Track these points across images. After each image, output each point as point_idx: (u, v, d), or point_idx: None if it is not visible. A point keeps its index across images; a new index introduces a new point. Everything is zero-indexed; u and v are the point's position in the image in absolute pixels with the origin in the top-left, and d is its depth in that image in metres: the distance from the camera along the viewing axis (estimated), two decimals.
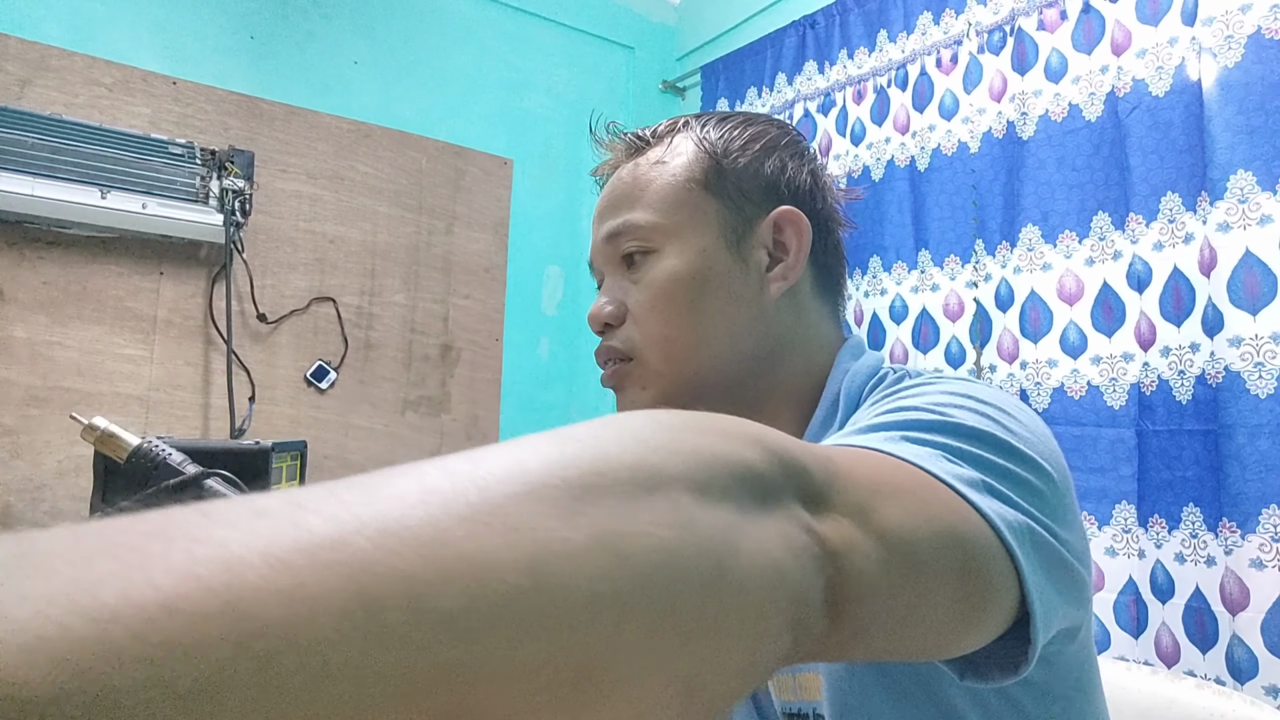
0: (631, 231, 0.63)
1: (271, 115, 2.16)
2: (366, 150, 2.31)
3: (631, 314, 0.63)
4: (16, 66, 1.85)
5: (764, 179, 0.64)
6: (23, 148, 1.78)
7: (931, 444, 0.40)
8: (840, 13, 2.17)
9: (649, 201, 0.63)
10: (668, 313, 0.61)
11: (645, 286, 0.62)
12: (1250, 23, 1.39)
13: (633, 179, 0.65)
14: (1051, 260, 1.67)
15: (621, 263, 0.64)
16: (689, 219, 0.62)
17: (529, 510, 0.21)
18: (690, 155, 0.64)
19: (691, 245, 0.62)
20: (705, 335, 0.61)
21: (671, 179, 0.63)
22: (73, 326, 1.89)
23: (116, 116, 1.95)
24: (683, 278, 0.61)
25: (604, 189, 0.69)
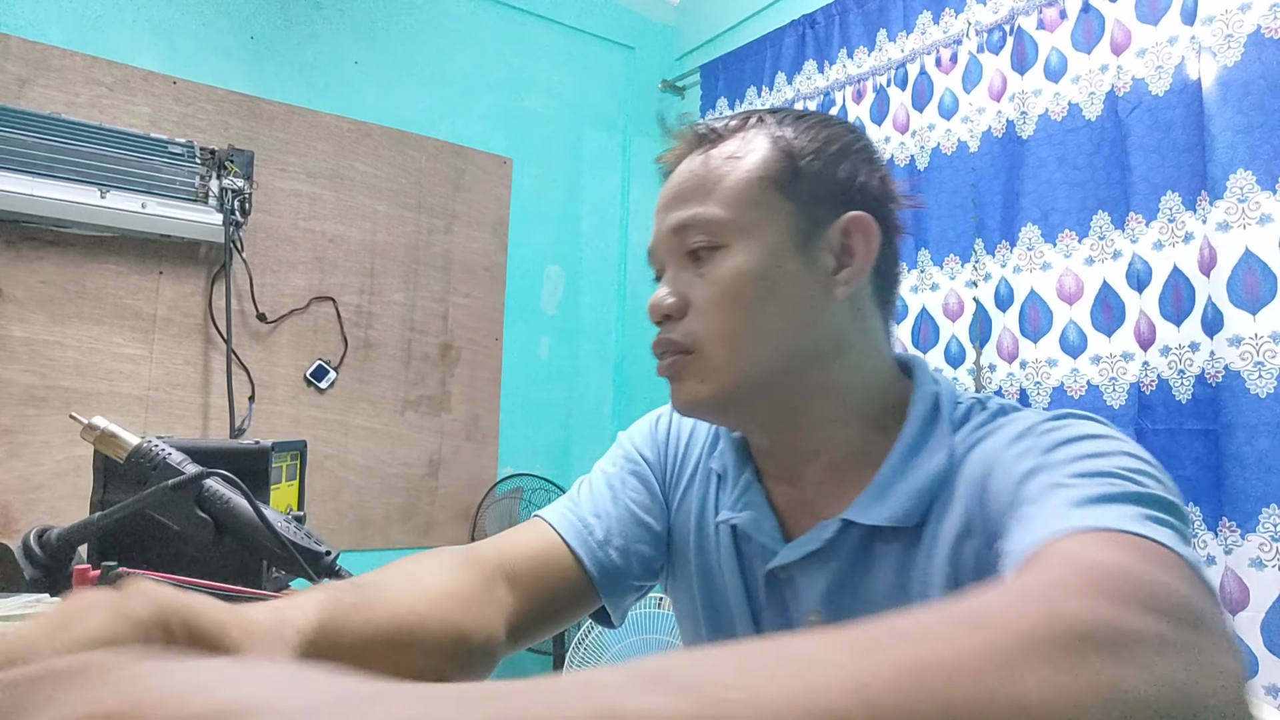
0: (701, 226, 0.63)
1: (271, 115, 2.16)
2: (366, 149, 2.31)
3: (694, 308, 0.63)
4: (17, 66, 1.85)
5: (837, 183, 0.64)
6: (23, 147, 1.78)
7: (1163, 522, 0.43)
8: (840, 12, 2.17)
9: (721, 197, 0.63)
10: (733, 309, 0.61)
11: (711, 282, 0.62)
12: (1250, 22, 1.39)
13: (704, 172, 0.64)
14: (1051, 259, 1.66)
15: (687, 256, 0.64)
16: (760, 217, 0.62)
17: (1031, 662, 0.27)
18: (765, 153, 0.64)
19: (761, 244, 0.62)
20: (767, 334, 0.61)
21: (745, 176, 0.63)
22: (72, 325, 1.89)
23: (117, 116, 1.95)
24: (750, 276, 0.61)
25: (670, 179, 0.67)
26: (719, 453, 0.72)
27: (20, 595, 0.75)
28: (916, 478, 0.59)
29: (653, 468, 0.75)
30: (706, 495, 0.72)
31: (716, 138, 0.66)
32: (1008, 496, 0.51)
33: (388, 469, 2.30)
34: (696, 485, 0.73)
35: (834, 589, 0.61)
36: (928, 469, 0.59)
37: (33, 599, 0.73)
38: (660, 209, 0.67)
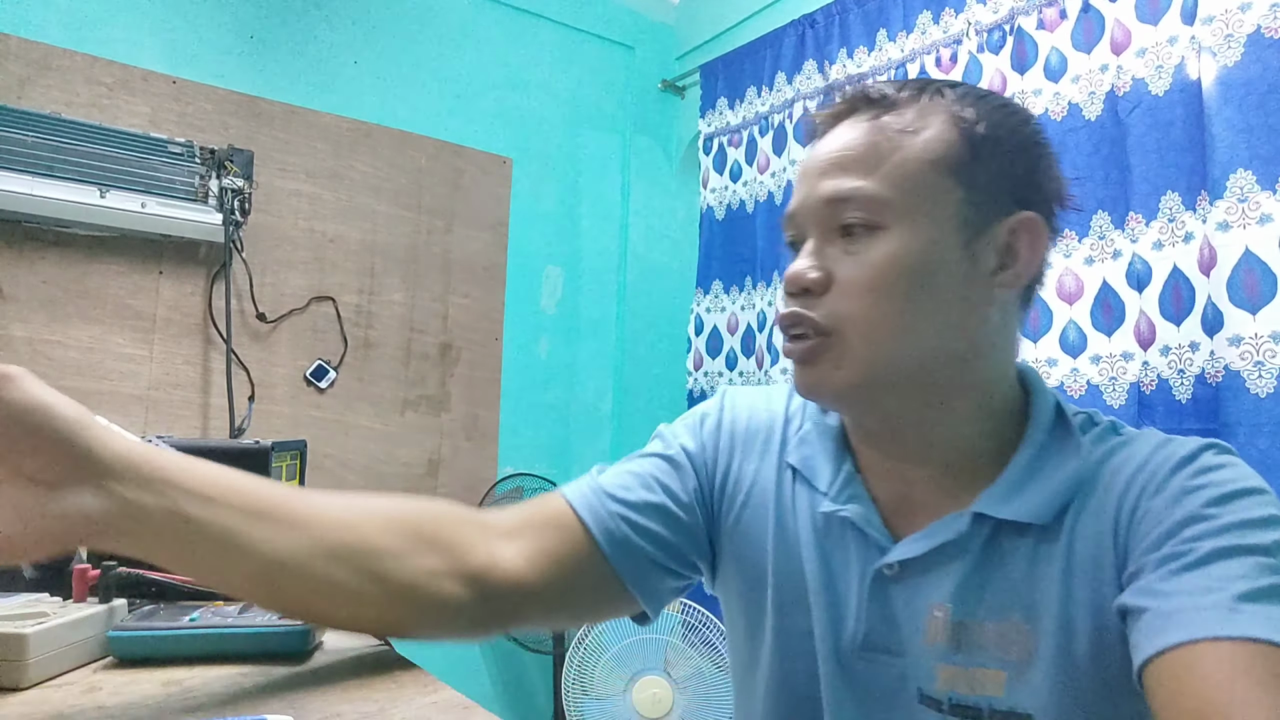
0: (861, 202, 0.58)
1: (271, 115, 2.16)
2: (366, 149, 2.31)
3: (839, 287, 0.58)
4: (17, 65, 1.85)
5: (1013, 178, 0.60)
6: (23, 147, 1.78)
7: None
8: (840, 12, 2.17)
9: (887, 173, 0.58)
10: (884, 298, 0.57)
11: (865, 264, 0.57)
12: (1250, 22, 1.39)
13: (871, 141, 0.59)
14: (1051, 259, 1.66)
15: (837, 230, 0.59)
16: (926, 202, 0.58)
17: None
18: (942, 131, 0.59)
19: (924, 232, 0.57)
20: (916, 328, 0.58)
21: (919, 154, 0.58)
22: (72, 325, 1.89)
23: (116, 115, 1.95)
24: (907, 265, 0.57)
25: (827, 140, 0.62)
26: (798, 444, 0.69)
27: (21, 595, 0.75)
28: (1052, 478, 0.58)
29: (693, 459, 0.70)
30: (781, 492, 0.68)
31: (888, 104, 0.60)
32: (1163, 530, 0.52)
33: (387, 469, 2.30)
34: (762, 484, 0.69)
35: (964, 583, 0.58)
36: (1064, 471, 0.58)
37: (33, 598, 0.73)
38: (811, 172, 0.61)
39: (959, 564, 0.59)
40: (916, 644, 0.59)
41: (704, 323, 2.56)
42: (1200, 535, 0.51)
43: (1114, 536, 0.55)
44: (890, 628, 0.61)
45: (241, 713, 0.59)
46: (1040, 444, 0.60)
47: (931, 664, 0.58)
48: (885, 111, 0.60)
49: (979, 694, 0.57)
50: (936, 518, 0.61)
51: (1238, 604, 0.46)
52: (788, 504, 0.67)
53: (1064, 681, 0.54)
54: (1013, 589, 0.57)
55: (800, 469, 0.67)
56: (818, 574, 0.64)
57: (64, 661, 0.67)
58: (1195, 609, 0.47)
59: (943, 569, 0.59)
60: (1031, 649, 0.56)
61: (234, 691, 0.64)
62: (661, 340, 2.81)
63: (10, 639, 0.62)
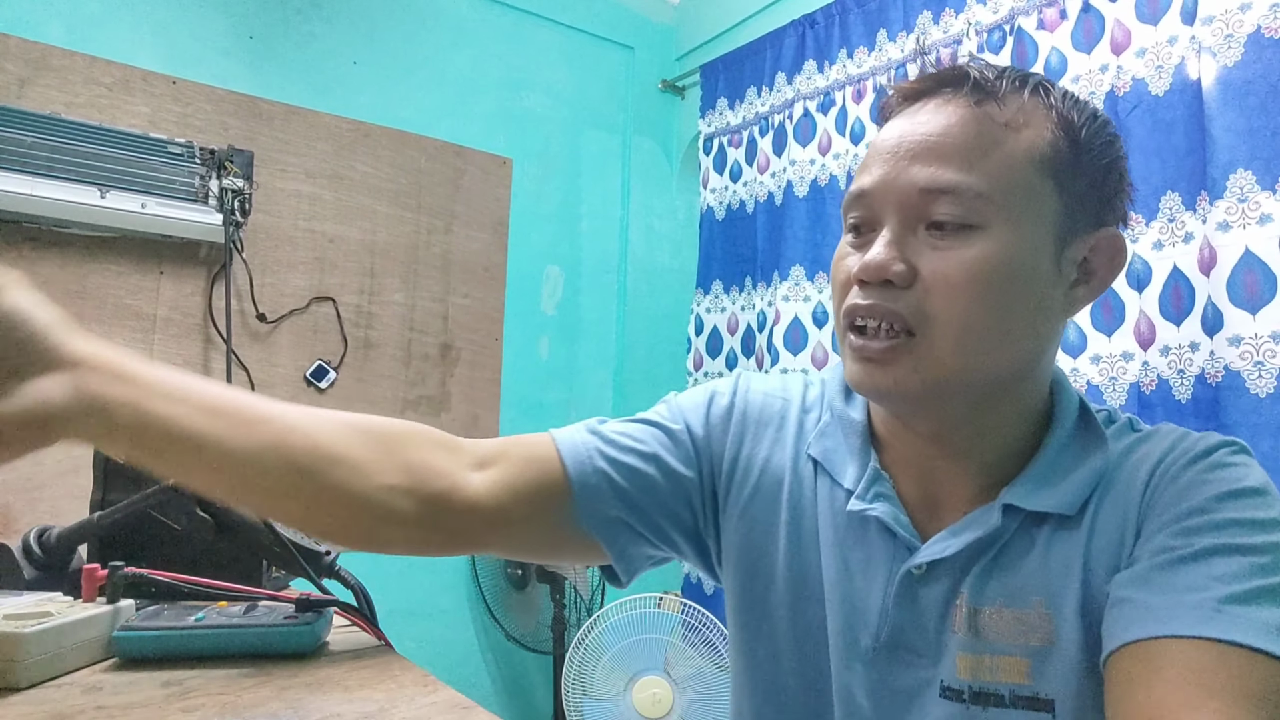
0: (962, 197, 0.54)
1: (271, 115, 2.16)
2: (366, 150, 2.31)
3: (926, 283, 0.55)
4: (16, 66, 1.85)
5: (1104, 191, 0.59)
6: (22, 147, 1.78)
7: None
8: (840, 12, 2.17)
9: (990, 169, 0.55)
10: (978, 301, 0.54)
11: (958, 263, 0.54)
12: (1250, 22, 1.39)
13: (975, 132, 0.55)
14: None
15: (925, 221, 0.56)
16: (1025, 204, 0.55)
17: None
18: (1044, 131, 0.56)
19: (1022, 235, 0.55)
20: (1003, 335, 0.56)
21: (1025, 152, 0.55)
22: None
23: (116, 116, 1.95)
24: (1004, 269, 0.54)
25: (919, 119, 0.58)
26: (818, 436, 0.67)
27: (33, 593, 0.75)
28: (1078, 471, 0.59)
29: (695, 438, 0.68)
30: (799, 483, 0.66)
31: (988, 90, 0.57)
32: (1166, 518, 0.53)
33: None
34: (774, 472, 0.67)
35: (984, 570, 0.59)
36: (1088, 465, 0.59)
37: (44, 597, 0.73)
38: (899, 153, 0.57)
39: (989, 554, 0.59)
40: (943, 639, 0.59)
41: (704, 323, 2.56)
42: (1199, 529, 0.51)
43: (1135, 524, 0.56)
44: (917, 627, 0.60)
45: (242, 713, 0.59)
46: (1066, 440, 0.60)
47: (954, 654, 0.58)
48: (986, 99, 0.57)
49: (1001, 681, 0.57)
50: (962, 512, 0.60)
51: (1221, 605, 0.46)
52: (807, 496, 0.66)
53: (1086, 668, 0.55)
54: (1034, 576, 0.57)
55: (822, 461, 0.66)
56: (835, 569, 0.63)
57: (67, 661, 0.67)
58: (1178, 605, 0.47)
59: (970, 562, 0.59)
60: (1053, 636, 0.56)
61: (234, 691, 0.64)
62: (661, 340, 2.81)
63: (9, 639, 0.62)
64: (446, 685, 0.67)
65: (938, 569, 0.60)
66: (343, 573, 0.86)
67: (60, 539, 0.82)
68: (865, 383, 0.58)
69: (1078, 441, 0.61)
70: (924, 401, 0.58)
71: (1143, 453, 0.58)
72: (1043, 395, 0.62)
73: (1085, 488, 0.58)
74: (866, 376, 0.57)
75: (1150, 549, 0.52)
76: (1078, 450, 0.60)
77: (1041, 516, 0.59)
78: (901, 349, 0.55)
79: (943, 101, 0.58)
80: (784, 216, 2.26)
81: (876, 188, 0.57)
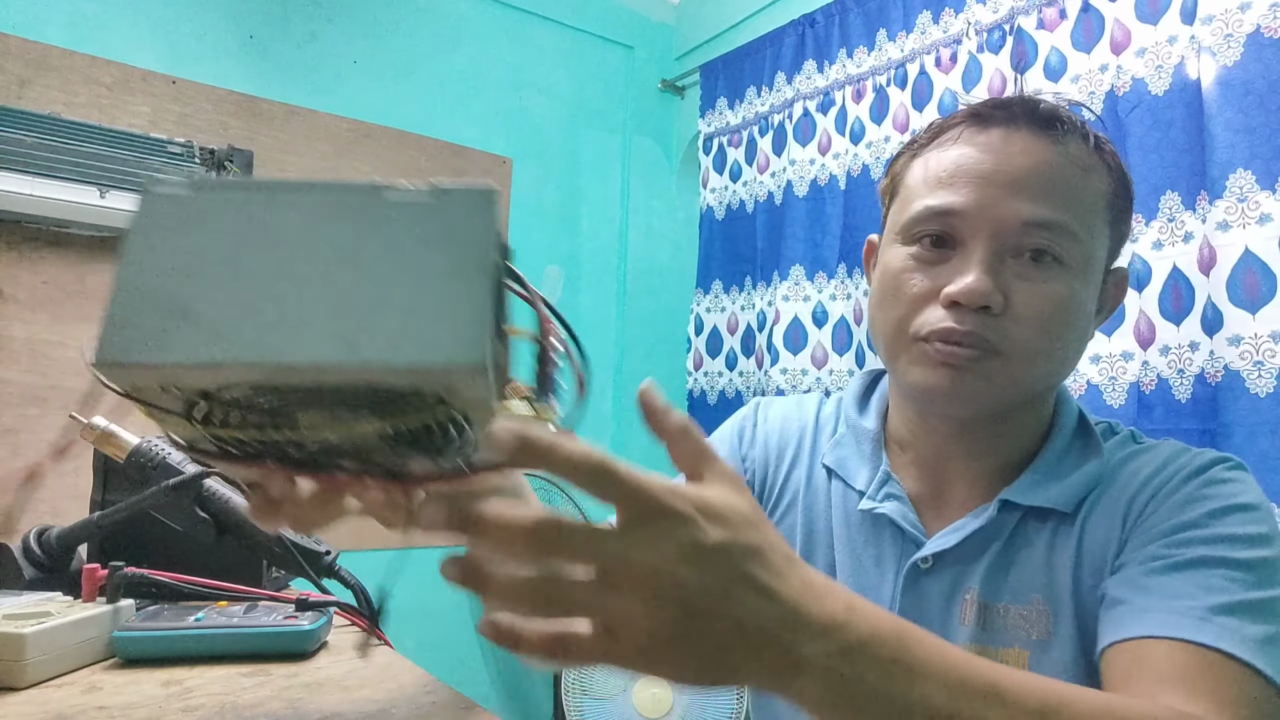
0: (1059, 234, 0.58)
1: (271, 115, 2.16)
2: (366, 150, 2.31)
3: (1016, 312, 0.58)
4: (17, 66, 1.85)
5: (1124, 232, 0.65)
6: (22, 147, 1.78)
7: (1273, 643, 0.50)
8: (840, 12, 2.17)
9: (1079, 212, 0.59)
10: (1055, 331, 0.59)
11: (1046, 296, 0.59)
12: (1249, 21, 1.39)
13: (1067, 175, 0.59)
14: None
15: (1021, 251, 0.59)
16: (1096, 245, 0.61)
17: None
18: (1106, 177, 0.62)
19: (1093, 274, 0.61)
20: (1063, 359, 0.61)
21: (1095, 197, 0.61)
22: (72, 325, 1.89)
23: (116, 116, 1.95)
24: (1077, 304, 0.60)
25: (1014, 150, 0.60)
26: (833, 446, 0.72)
27: (33, 593, 0.75)
28: (1074, 473, 0.63)
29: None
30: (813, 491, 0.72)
31: (1064, 130, 0.61)
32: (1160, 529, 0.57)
33: None
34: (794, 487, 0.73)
35: (992, 567, 0.63)
36: (1085, 467, 0.63)
37: (44, 597, 0.73)
38: (995, 180, 0.59)
39: (989, 551, 0.63)
40: (948, 629, 0.63)
41: (704, 323, 2.56)
42: (1190, 541, 0.55)
43: (1122, 529, 0.59)
44: (923, 618, 0.63)
45: (242, 713, 0.59)
46: (1065, 446, 0.65)
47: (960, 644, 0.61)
48: (1062, 140, 0.60)
49: None
50: (966, 511, 0.65)
51: (1209, 614, 0.50)
52: (820, 501, 0.71)
53: (1082, 661, 0.58)
54: (1034, 573, 0.62)
55: (835, 469, 0.71)
56: (849, 565, 0.68)
57: (66, 661, 0.67)
58: (1169, 610, 0.51)
59: (973, 557, 0.63)
60: (1051, 629, 0.60)
61: (234, 691, 0.64)
62: (661, 340, 2.81)
63: (8, 639, 0.62)
64: (446, 685, 0.67)
65: (942, 561, 0.64)
66: (343, 573, 0.86)
67: (60, 539, 0.82)
68: (945, 387, 0.60)
69: (1075, 447, 0.65)
70: (988, 411, 0.63)
71: (1140, 463, 0.62)
72: (1051, 406, 0.67)
73: (1080, 488, 0.62)
74: (947, 380, 0.60)
75: (1144, 554, 0.56)
76: (1076, 455, 0.65)
77: (1043, 515, 0.63)
78: (985, 361, 0.59)
79: (1022, 134, 0.61)
80: (784, 216, 2.26)
81: (970, 210, 0.60)
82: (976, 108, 0.64)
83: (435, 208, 0.30)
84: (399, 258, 0.29)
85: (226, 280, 0.29)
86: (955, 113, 0.65)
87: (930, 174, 0.63)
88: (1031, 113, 0.61)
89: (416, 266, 0.29)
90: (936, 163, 0.63)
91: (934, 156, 0.64)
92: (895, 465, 0.69)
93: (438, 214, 0.30)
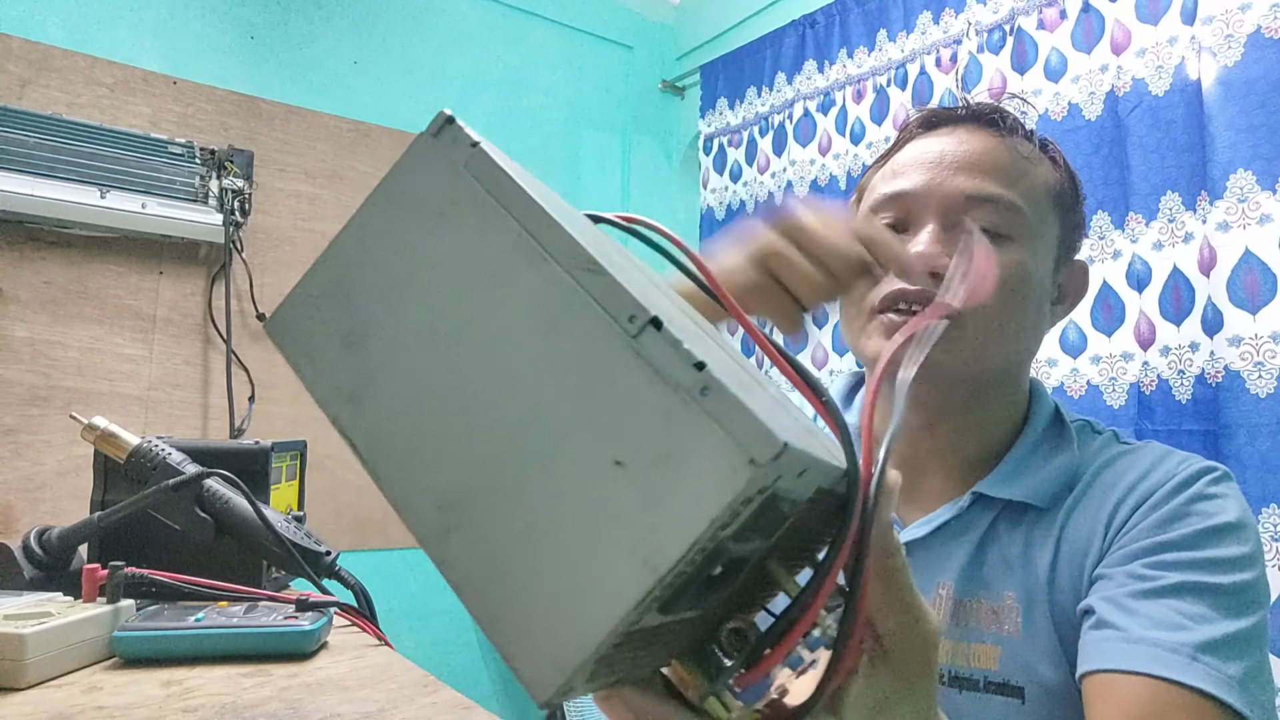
0: (1003, 208, 0.63)
1: (271, 115, 2.16)
2: (366, 150, 2.31)
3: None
4: (18, 66, 1.85)
5: (1077, 227, 0.69)
6: (24, 147, 1.78)
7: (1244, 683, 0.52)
8: (840, 12, 2.17)
9: (1023, 191, 0.64)
10: (1005, 301, 0.62)
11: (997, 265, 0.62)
12: (1250, 22, 1.39)
13: (1009, 160, 0.64)
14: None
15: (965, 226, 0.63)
16: (1041, 226, 0.65)
17: None
18: (1050, 168, 0.66)
19: (1040, 251, 0.65)
20: (1016, 333, 0.64)
21: (1043, 182, 0.65)
22: (73, 325, 1.89)
23: (117, 116, 1.95)
24: (1027, 276, 0.63)
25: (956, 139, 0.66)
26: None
27: (33, 594, 0.75)
28: (1046, 466, 0.64)
29: None
30: None
31: (1012, 128, 0.66)
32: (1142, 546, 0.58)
33: None
34: None
35: (968, 563, 0.64)
36: (1058, 462, 0.64)
37: (44, 597, 0.73)
38: (942, 164, 0.65)
39: (963, 544, 0.64)
40: None
41: None
42: (1174, 564, 0.56)
43: (1104, 535, 0.60)
44: None
45: (242, 713, 0.59)
46: (1037, 439, 0.67)
47: None
48: (1009, 135, 0.66)
49: (975, 667, 0.62)
50: (941, 504, 0.66)
51: (1197, 654, 0.52)
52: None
53: (1052, 658, 0.59)
54: (1008, 569, 0.62)
55: None
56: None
57: (66, 662, 0.67)
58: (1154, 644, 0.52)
59: (946, 549, 0.64)
60: (1022, 626, 0.61)
61: (234, 691, 0.64)
62: None
63: (8, 639, 0.62)
64: (446, 685, 0.67)
65: (913, 551, 0.65)
66: (343, 573, 0.86)
67: (60, 539, 0.82)
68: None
69: (1048, 442, 0.67)
70: (945, 383, 0.64)
71: (1124, 465, 0.64)
72: (1023, 401, 0.69)
73: (1053, 483, 0.64)
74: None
75: (1127, 572, 0.57)
76: (1048, 450, 0.66)
77: (1020, 511, 0.64)
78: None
79: (973, 130, 0.66)
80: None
81: (919, 191, 0.64)
82: (926, 114, 0.70)
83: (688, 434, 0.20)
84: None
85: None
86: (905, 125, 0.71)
87: (886, 171, 0.69)
88: (976, 111, 0.67)
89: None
90: (892, 162, 0.69)
91: (891, 160, 0.70)
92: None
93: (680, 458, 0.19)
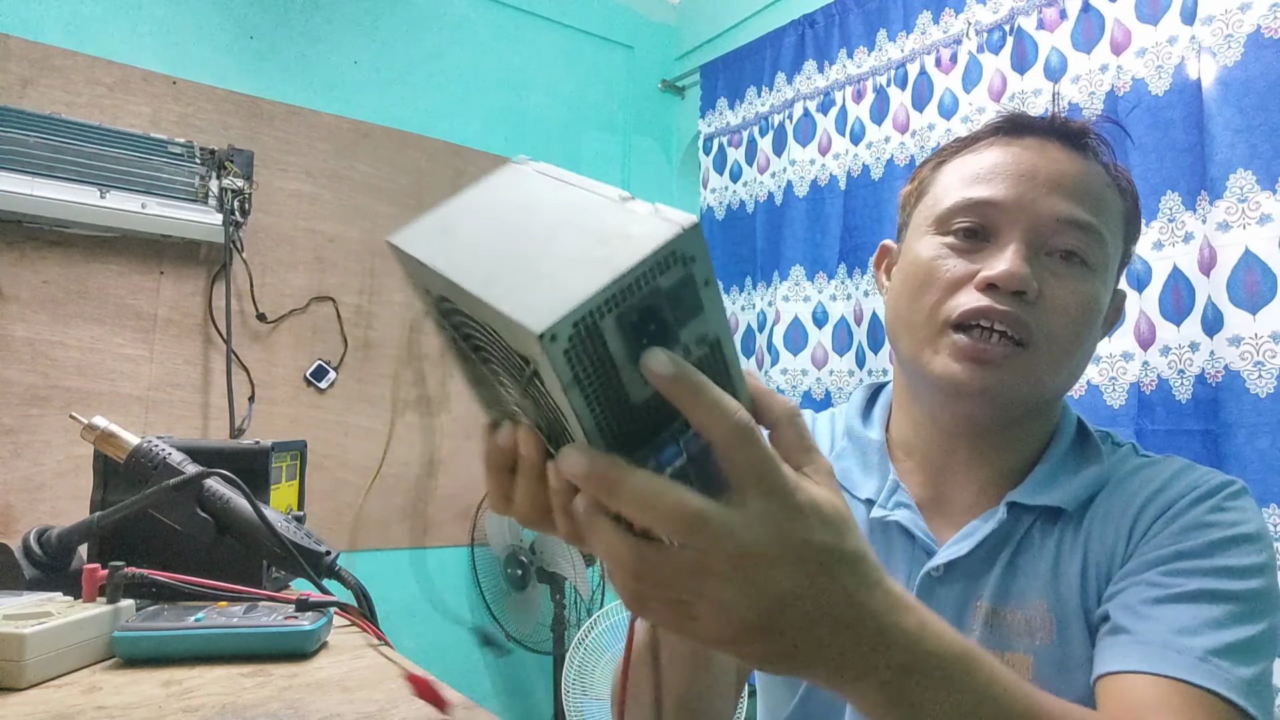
0: (1091, 239, 0.62)
1: (271, 115, 2.16)
2: (366, 149, 2.31)
3: (1049, 304, 0.61)
4: (19, 66, 1.85)
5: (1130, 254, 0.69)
6: (24, 147, 1.78)
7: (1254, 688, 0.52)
8: (840, 12, 2.17)
9: (1107, 219, 0.63)
10: (1080, 330, 0.62)
11: (1077, 294, 0.62)
12: (1250, 22, 1.39)
13: (1098, 186, 0.64)
14: None
15: (1053, 248, 0.62)
16: (1115, 255, 0.65)
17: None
18: (1121, 197, 0.66)
19: (1108, 281, 0.64)
20: (1081, 359, 0.64)
21: (1117, 210, 0.65)
22: (73, 325, 1.89)
23: (117, 116, 1.95)
24: (1098, 307, 0.63)
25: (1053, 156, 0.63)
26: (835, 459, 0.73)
27: (33, 594, 0.75)
28: (1080, 476, 0.65)
29: None
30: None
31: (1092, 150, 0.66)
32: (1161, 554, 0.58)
33: (387, 469, 2.30)
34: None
35: (1003, 574, 0.63)
36: (1087, 471, 0.65)
37: (44, 597, 0.73)
38: (1035, 179, 0.62)
39: (1000, 557, 0.64)
40: None
41: None
42: (1190, 572, 0.57)
43: (1126, 543, 0.61)
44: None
45: (242, 713, 0.59)
46: (1065, 450, 0.67)
47: None
48: (1092, 158, 0.65)
49: None
50: (968, 516, 0.66)
51: (1209, 656, 0.53)
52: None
53: (1084, 668, 0.59)
54: (1040, 578, 0.62)
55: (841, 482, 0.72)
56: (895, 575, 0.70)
57: (66, 661, 0.67)
58: (1168, 646, 0.53)
59: (985, 566, 0.64)
60: (1054, 635, 0.61)
61: (234, 691, 0.64)
62: None
63: (8, 639, 0.62)
64: (446, 685, 0.67)
65: (955, 570, 0.64)
66: (343, 573, 0.86)
67: (60, 539, 0.82)
68: (972, 381, 0.61)
69: (1075, 453, 0.67)
70: (1009, 404, 0.63)
71: (1146, 476, 0.64)
72: (1056, 414, 0.69)
73: (1084, 490, 0.64)
74: (975, 376, 0.61)
75: (1146, 580, 0.57)
76: (1076, 460, 0.66)
77: (1051, 518, 0.64)
78: (1015, 357, 0.60)
79: (1056, 144, 0.64)
80: (784, 217, 2.26)
81: (1009, 203, 0.62)
82: (1008, 120, 0.67)
83: (641, 218, 0.32)
84: (585, 242, 0.31)
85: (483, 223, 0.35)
86: (986, 124, 0.69)
87: (967, 172, 0.65)
88: (1063, 127, 0.65)
89: (589, 252, 0.31)
90: (973, 163, 0.66)
91: (968, 159, 0.66)
92: (900, 472, 0.70)
93: (635, 222, 0.32)
